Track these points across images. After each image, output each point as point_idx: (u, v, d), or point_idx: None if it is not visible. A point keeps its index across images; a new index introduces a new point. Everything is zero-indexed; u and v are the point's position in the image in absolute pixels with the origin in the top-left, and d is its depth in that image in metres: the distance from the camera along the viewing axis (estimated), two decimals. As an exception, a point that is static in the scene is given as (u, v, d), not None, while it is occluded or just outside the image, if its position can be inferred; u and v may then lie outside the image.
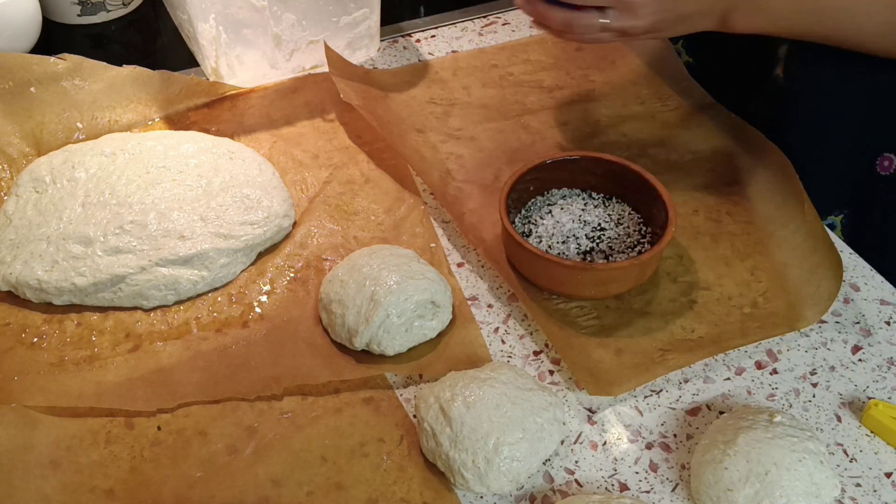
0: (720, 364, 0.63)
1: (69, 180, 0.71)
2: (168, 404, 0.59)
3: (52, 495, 0.54)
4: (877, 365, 0.63)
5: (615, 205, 0.71)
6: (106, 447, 0.57)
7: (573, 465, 0.57)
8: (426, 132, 0.83)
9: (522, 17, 1.00)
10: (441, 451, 0.54)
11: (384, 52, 0.94)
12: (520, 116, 0.85)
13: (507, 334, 0.65)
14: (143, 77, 0.81)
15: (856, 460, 0.57)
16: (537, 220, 0.70)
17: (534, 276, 0.67)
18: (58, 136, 0.78)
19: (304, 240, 0.71)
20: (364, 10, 0.88)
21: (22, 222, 0.68)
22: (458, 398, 0.54)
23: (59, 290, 0.65)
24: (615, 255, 0.67)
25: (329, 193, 0.76)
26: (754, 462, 0.51)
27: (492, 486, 0.53)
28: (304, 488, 0.55)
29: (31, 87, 0.78)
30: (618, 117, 0.85)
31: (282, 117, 0.83)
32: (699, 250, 0.71)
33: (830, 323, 0.66)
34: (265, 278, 0.68)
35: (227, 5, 0.79)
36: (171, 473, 0.55)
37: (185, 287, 0.66)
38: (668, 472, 0.56)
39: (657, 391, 0.61)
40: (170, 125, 0.82)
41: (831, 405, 0.60)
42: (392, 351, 0.61)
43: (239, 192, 0.70)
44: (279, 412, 0.59)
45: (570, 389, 0.61)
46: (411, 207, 0.74)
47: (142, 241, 0.66)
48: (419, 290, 0.61)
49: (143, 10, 1.00)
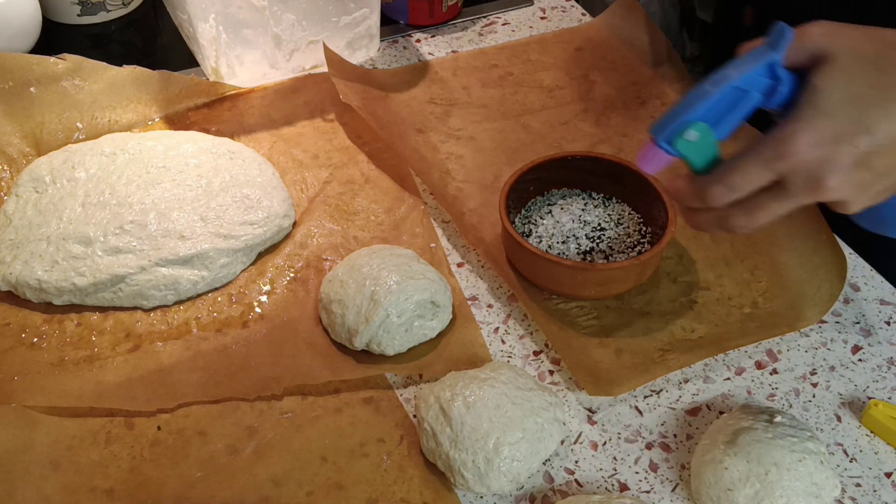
0: (720, 364, 0.63)
1: (69, 180, 0.71)
2: (168, 404, 0.59)
3: (52, 495, 0.54)
4: (877, 365, 0.63)
5: (615, 205, 0.71)
6: (106, 447, 0.57)
7: (573, 465, 0.57)
8: (426, 132, 0.83)
9: (522, 17, 1.00)
10: (441, 451, 0.54)
11: (384, 52, 0.94)
12: (520, 116, 0.85)
13: (507, 334, 0.65)
14: (143, 77, 0.81)
15: (856, 460, 0.57)
16: (537, 220, 0.70)
17: (534, 276, 0.67)
18: (58, 136, 0.78)
19: (304, 240, 0.71)
20: (364, 10, 0.88)
21: (22, 222, 0.68)
22: (459, 398, 0.54)
23: (59, 290, 0.65)
24: (615, 255, 0.67)
25: (329, 193, 0.76)
26: (754, 462, 0.51)
27: (492, 486, 0.53)
28: (304, 488, 0.55)
29: (31, 87, 0.78)
30: (618, 117, 0.85)
31: (282, 117, 0.83)
32: (699, 250, 0.71)
33: (830, 323, 0.66)
34: (265, 278, 0.68)
35: (227, 5, 0.79)
36: (171, 473, 0.55)
37: (185, 287, 0.66)
38: (668, 472, 0.56)
39: (657, 391, 0.61)
40: (170, 125, 0.82)
41: (831, 405, 0.60)
42: (392, 351, 0.61)
43: (239, 192, 0.70)
44: (279, 412, 0.59)
45: (570, 389, 0.61)
46: (411, 207, 0.74)
47: (142, 241, 0.66)
48: (419, 290, 0.61)
49: (143, 10, 1.00)
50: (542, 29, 0.98)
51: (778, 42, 0.49)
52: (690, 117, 0.50)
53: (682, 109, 0.50)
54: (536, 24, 0.99)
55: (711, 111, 0.49)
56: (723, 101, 0.49)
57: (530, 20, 1.00)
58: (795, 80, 0.49)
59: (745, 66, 0.49)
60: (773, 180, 0.49)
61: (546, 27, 0.98)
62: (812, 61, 0.48)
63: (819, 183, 0.47)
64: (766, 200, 0.50)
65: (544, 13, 1.01)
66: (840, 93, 0.47)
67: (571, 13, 1.01)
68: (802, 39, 0.49)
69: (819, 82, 0.48)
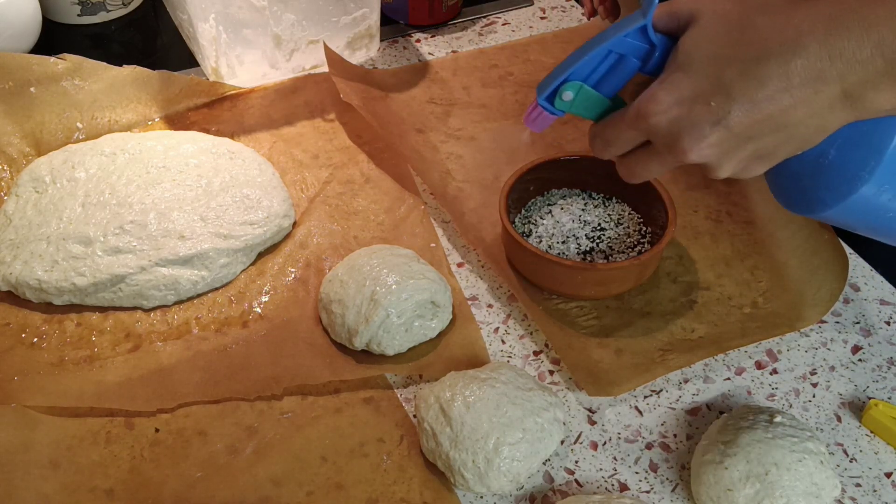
0: (720, 364, 0.63)
1: (69, 180, 0.71)
2: (168, 404, 0.59)
3: (52, 495, 0.54)
4: (877, 365, 0.63)
5: (615, 205, 0.71)
6: (106, 447, 0.57)
7: (573, 465, 0.57)
8: (426, 132, 0.83)
9: (522, 17, 1.00)
10: (441, 451, 0.54)
11: (384, 52, 0.94)
12: (520, 116, 0.85)
13: (507, 334, 0.65)
14: (143, 77, 0.81)
15: (856, 460, 0.57)
16: (537, 220, 0.70)
17: (534, 276, 0.67)
18: (58, 136, 0.78)
19: (304, 240, 0.71)
20: (364, 10, 0.88)
21: (22, 222, 0.68)
22: (458, 398, 0.54)
23: (59, 290, 0.65)
24: (615, 255, 0.67)
25: (329, 193, 0.76)
26: (754, 462, 0.51)
27: (492, 486, 0.53)
28: (304, 488, 0.55)
29: (31, 87, 0.78)
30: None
31: (282, 117, 0.83)
32: (699, 250, 0.71)
33: (830, 323, 0.66)
34: (265, 278, 0.68)
35: (227, 5, 0.79)
36: (171, 473, 0.55)
37: (185, 287, 0.66)
38: (668, 472, 0.56)
39: (657, 391, 0.61)
40: (170, 125, 0.82)
41: (831, 405, 0.60)
42: (392, 351, 0.61)
43: (239, 192, 0.70)
44: (279, 412, 0.59)
45: (570, 389, 0.61)
46: (411, 207, 0.74)
47: (142, 241, 0.66)
48: (419, 290, 0.61)
49: (143, 10, 1.00)
50: (542, 29, 0.98)
51: (648, 7, 0.49)
52: (566, 77, 0.52)
53: (559, 71, 0.52)
54: (536, 24, 0.99)
55: (589, 72, 0.52)
56: (601, 63, 0.51)
57: (530, 20, 1.00)
58: (669, 44, 0.50)
59: (618, 31, 0.50)
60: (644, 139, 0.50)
61: (546, 27, 0.98)
62: (682, 25, 0.49)
63: (677, 142, 0.47)
64: (642, 157, 0.51)
65: (544, 13, 1.01)
66: (700, 52, 0.47)
67: (571, 13, 1.01)
68: (673, 4, 0.50)
69: (682, 43, 0.48)
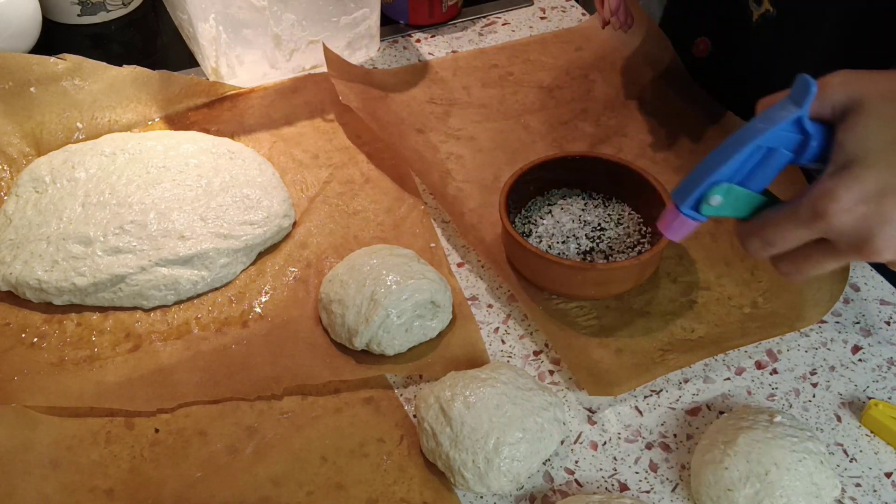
0: (720, 364, 0.63)
1: (69, 180, 0.71)
2: (168, 404, 0.59)
3: (52, 495, 0.54)
4: (877, 365, 0.63)
5: (615, 205, 0.71)
6: (106, 447, 0.57)
7: (573, 465, 0.57)
8: (426, 132, 0.83)
9: (522, 17, 1.00)
10: (441, 451, 0.54)
11: (384, 52, 0.94)
12: (520, 116, 0.85)
13: (507, 334, 0.65)
14: (143, 77, 0.81)
15: (856, 460, 0.57)
16: (537, 220, 0.70)
17: (534, 276, 0.67)
18: (58, 136, 0.78)
19: (304, 240, 0.71)
20: (364, 10, 0.88)
21: (22, 222, 0.68)
22: (459, 398, 0.54)
23: (59, 290, 0.65)
24: (615, 255, 0.67)
25: (329, 193, 0.76)
26: (754, 462, 0.51)
27: (492, 486, 0.53)
28: (304, 488, 0.55)
29: (31, 87, 0.78)
30: (618, 117, 0.85)
31: (282, 117, 0.83)
32: (699, 250, 0.71)
33: (830, 323, 0.66)
34: (265, 278, 0.68)
35: (227, 5, 0.79)
36: (171, 473, 0.55)
37: (185, 287, 0.66)
38: (668, 472, 0.56)
39: (657, 391, 0.61)
40: (170, 125, 0.82)
41: (831, 405, 0.60)
42: (392, 351, 0.61)
43: (239, 192, 0.70)
44: (279, 412, 0.59)
45: (570, 389, 0.61)
46: (411, 207, 0.74)
47: (142, 241, 0.66)
48: (419, 290, 0.61)
49: (143, 10, 1.00)
50: (542, 29, 0.98)
51: (802, 97, 0.45)
52: (713, 180, 0.47)
53: (703, 172, 0.47)
54: (536, 24, 0.99)
55: (737, 172, 0.47)
56: (749, 160, 0.47)
57: (530, 20, 1.00)
58: (826, 132, 0.46)
59: (769, 124, 0.46)
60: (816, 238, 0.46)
61: (546, 27, 0.98)
62: (838, 113, 0.46)
63: (867, 242, 0.44)
64: (814, 254, 0.47)
65: (544, 13, 1.01)
66: (877, 140, 0.44)
67: (571, 13, 1.01)
68: (824, 90, 0.46)
69: (852, 132, 0.44)
